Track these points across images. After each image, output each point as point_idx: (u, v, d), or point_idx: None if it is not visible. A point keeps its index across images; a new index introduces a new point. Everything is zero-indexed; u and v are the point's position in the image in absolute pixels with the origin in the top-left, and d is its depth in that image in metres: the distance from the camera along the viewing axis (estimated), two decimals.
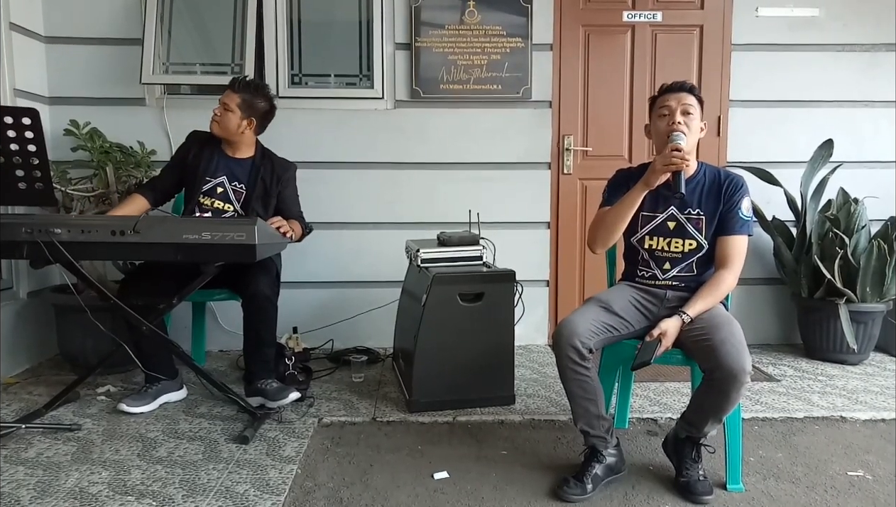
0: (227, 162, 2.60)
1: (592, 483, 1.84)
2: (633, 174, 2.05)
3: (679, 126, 1.90)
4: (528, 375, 2.92)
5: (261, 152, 2.65)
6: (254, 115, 2.56)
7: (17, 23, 2.95)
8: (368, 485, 1.91)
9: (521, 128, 3.33)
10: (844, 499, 1.84)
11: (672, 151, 1.83)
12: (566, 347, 1.80)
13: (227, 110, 2.51)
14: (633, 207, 1.92)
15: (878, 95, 3.39)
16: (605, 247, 2.03)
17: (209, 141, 2.61)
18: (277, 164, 2.66)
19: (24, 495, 1.79)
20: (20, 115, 1.98)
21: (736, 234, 1.90)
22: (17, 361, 2.90)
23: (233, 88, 2.53)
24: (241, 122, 2.53)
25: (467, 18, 3.24)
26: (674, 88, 1.97)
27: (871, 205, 3.17)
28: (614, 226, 1.96)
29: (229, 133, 2.55)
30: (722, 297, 1.90)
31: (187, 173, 2.59)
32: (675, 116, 1.92)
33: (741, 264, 1.90)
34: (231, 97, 2.52)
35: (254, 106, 2.55)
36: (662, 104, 1.96)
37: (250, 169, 2.61)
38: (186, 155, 2.61)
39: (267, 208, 2.61)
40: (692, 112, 1.93)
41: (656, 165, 1.85)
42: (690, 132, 1.92)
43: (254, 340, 2.43)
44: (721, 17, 3.36)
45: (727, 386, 1.69)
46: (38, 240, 2.02)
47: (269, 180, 2.61)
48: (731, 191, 1.93)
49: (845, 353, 3.08)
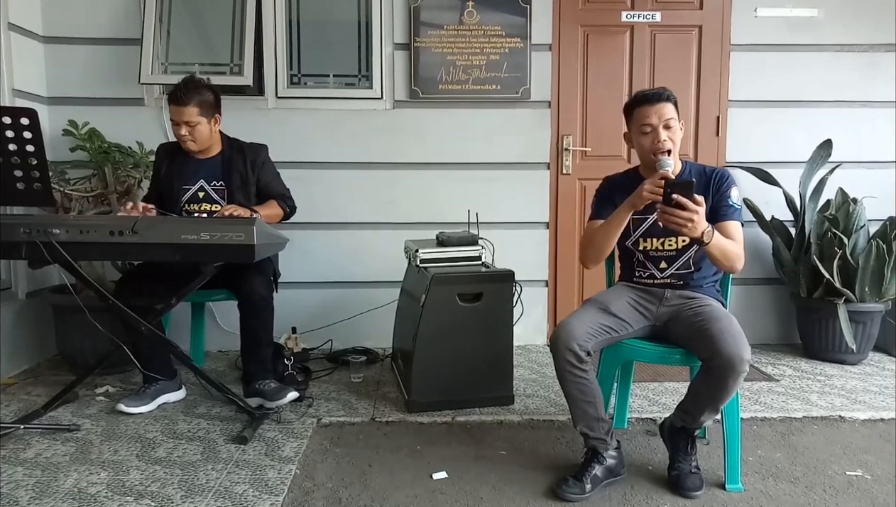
0: (200, 165, 2.55)
1: (591, 484, 1.84)
2: (619, 182, 2.05)
3: (665, 144, 1.88)
4: (527, 375, 2.92)
5: (228, 144, 2.60)
6: (214, 111, 2.49)
7: (16, 23, 2.95)
8: (367, 485, 1.91)
9: (519, 128, 3.33)
10: (843, 499, 1.84)
11: (660, 178, 1.78)
12: (564, 350, 1.80)
13: (195, 126, 2.43)
14: (621, 226, 1.91)
15: (877, 95, 3.39)
16: (597, 263, 2.02)
17: (178, 150, 2.56)
18: (248, 150, 2.61)
19: (23, 495, 1.79)
20: (19, 115, 1.98)
21: (730, 219, 1.90)
22: (16, 361, 2.90)
23: (181, 103, 2.38)
24: (209, 125, 2.48)
25: (466, 19, 3.24)
26: (652, 99, 1.92)
27: (869, 205, 3.17)
28: (603, 245, 1.95)
29: (205, 143, 2.50)
30: (735, 253, 1.83)
31: (163, 187, 2.57)
32: (658, 134, 1.89)
33: (742, 245, 1.88)
34: (188, 112, 2.40)
35: (207, 103, 2.45)
36: (643, 120, 1.92)
37: (222, 164, 2.57)
38: (159, 171, 2.59)
39: (248, 197, 2.57)
40: (673, 125, 1.91)
41: (644, 192, 1.80)
42: (675, 145, 1.90)
43: (251, 340, 2.43)
44: (720, 17, 3.36)
45: (725, 374, 1.69)
46: (36, 240, 2.02)
47: (244, 169, 2.57)
48: (718, 182, 1.93)
49: (844, 353, 3.08)
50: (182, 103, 2.39)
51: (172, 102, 2.41)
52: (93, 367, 2.40)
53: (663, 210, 1.75)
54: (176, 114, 2.42)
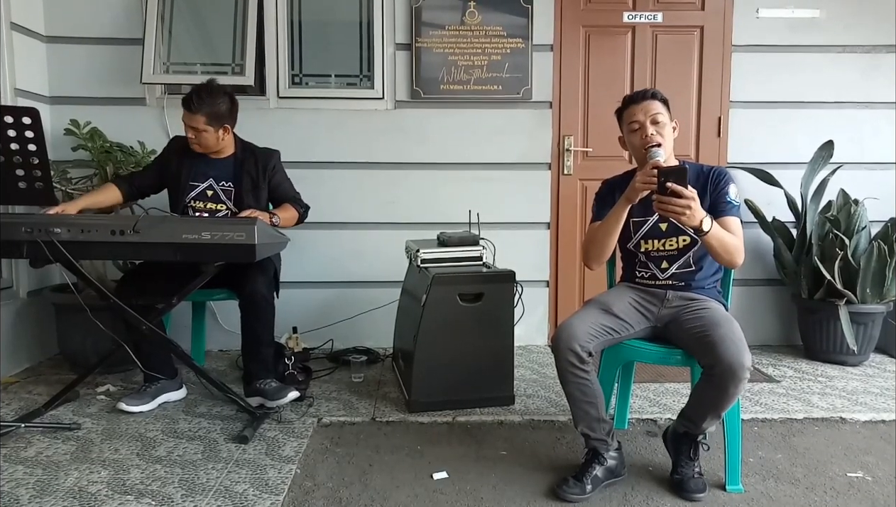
0: (211, 164, 2.57)
1: (592, 484, 1.84)
2: (618, 184, 2.05)
3: (653, 138, 1.89)
4: (528, 375, 2.91)
5: (241, 147, 2.63)
6: (225, 121, 2.49)
7: (18, 22, 2.95)
8: (368, 485, 1.91)
9: (521, 128, 3.33)
10: (844, 500, 1.84)
11: (652, 168, 1.78)
12: (565, 351, 1.80)
13: (201, 132, 2.45)
14: (619, 222, 1.91)
15: (879, 96, 3.39)
16: (600, 263, 2.02)
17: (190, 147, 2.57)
18: (260, 155, 2.63)
19: (24, 494, 1.79)
20: (20, 114, 1.98)
21: (729, 215, 1.89)
22: (17, 360, 2.90)
23: (190, 110, 2.41)
24: (218, 133, 2.49)
25: (468, 19, 3.24)
26: (637, 99, 1.96)
27: (871, 206, 3.17)
28: (605, 242, 1.95)
29: (211, 148, 2.52)
30: (734, 246, 1.83)
31: (170, 180, 2.57)
32: (646, 129, 1.91)
33: (742, 239, 1.87)
34: (195, 120, 2.42)
35: (219, 113, 2.46)
36: (631, 118, 1.95)
37: (233, 166, 2.59)
38: (169, 162, 2.59)
39: (259, 200, 2.59)
40: (661, 119, 1.92)
41: (637, 182, 1.81)
42: (665, 139, 1.91)
43: (252, 340, 2.43)
44: (721, 18, 3.36)
45: (726, 382, 1.69)
46: (37, 239, 2.02)
47: (255, 173, 2.58)
48: (716, 180, 1.93)
49: (845, 354, 3.07)
50: (191, 111, 2.43)
51: (183, 106, 2.44)
52: (94, 366, 2.41)
53: (659, 199, 1.74)
54: (185, 118, 2.46)
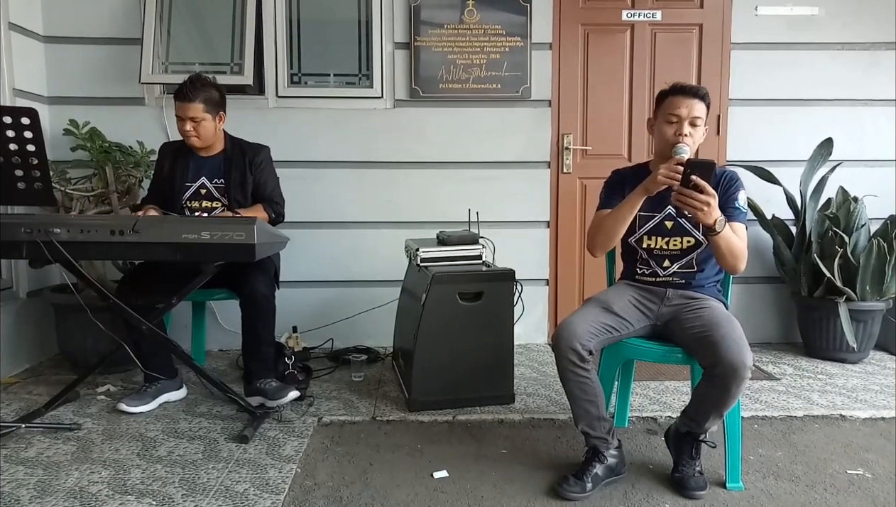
0: (203, 163, 2.58)
1: (592, 483, 1.84)
2: (628, 175, 2.05)
3: (686, 138, 1.88)
4: (528, 374, 2.92)
5: (230, 143, 2.63)
6: (220, 108, 2.52)
7: (17, 22, 2.95)
8: (368, 484, 1.91)
9: (520, 127, 3.33)
10: (844, 497, 1.84)
11: (676, 164, 1.78)
12: (566, 349, 1.80)
13: (200, 121, 2.45)
14: (632, 211, 1.90)
15: (878, 93, 3.39)
16: (605, 251, 2.02)
17: (180, 149, 2.58)
18: (248, 149, 2.63)
19: (24, 494, 1.79)
20: (19, 114, 1.98)
21: (736, 221, 1.89)
22: (17, 360, 2.90)
23: (187, 99, 2.41)
24: (214, 122, 2.50)
25: (467, 18, 3.24)
26: (687, 92, 1.91)
27: (870, 203, 3.17)
28: (614, 230, 1.94)
29: (210, 139, 2.53)
30: (741, 251, 1.84)
31: (165, 185, 2.58)
32: (682, 126, 1.89)
33: (746, 246, 1.88)
34: (194, 109, 2.42)
35: (213, 100, 2.47)
36: (672, 109, 1.91)
37: (223, 162, 2.59)
38: (162, 168, 2.60)
39: (246, 196, 2.60)
40: (699, 123, 1.91)
41: (659, 175, 1.79)
42: (694, 143, 1.90)
43: (252, 339, 2.43)
44: (720, 15, 3.36)
45: (728, 381, 1.69)
46: (37, 240, 2.02)
47: (243, 167, 2.59)
48: (727, 185, 1.93)
49: (845, 351, 3.07)
50: (188, 100, 2.41)
51: (178, 99, 2.44)
52: (94, 366, 2.41)
53: (680, 192, 1.73)
54: (181, 110, 2.44)
